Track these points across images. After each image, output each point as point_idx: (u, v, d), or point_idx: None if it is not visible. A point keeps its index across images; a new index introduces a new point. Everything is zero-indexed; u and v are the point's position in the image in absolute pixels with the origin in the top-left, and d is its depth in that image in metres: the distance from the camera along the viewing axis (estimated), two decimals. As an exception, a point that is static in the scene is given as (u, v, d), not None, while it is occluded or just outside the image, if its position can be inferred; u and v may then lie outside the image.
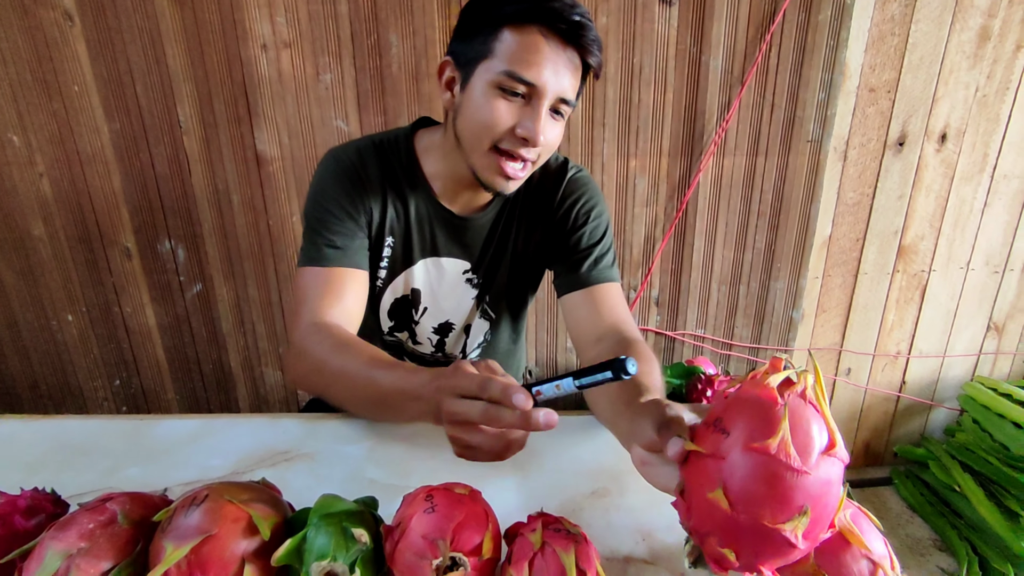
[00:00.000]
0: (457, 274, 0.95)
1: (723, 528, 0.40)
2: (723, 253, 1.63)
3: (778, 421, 0.39)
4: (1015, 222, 1.75)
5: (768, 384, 0.41)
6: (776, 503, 0.39)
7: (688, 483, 0.43)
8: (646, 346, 0.78)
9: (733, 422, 0.40)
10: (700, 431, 0.43)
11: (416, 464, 0.71)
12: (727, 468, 0.40)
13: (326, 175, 0.85)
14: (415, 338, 0.99)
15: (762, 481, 0.39)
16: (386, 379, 0.67)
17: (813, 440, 0.39)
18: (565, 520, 0.54)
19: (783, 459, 0.38)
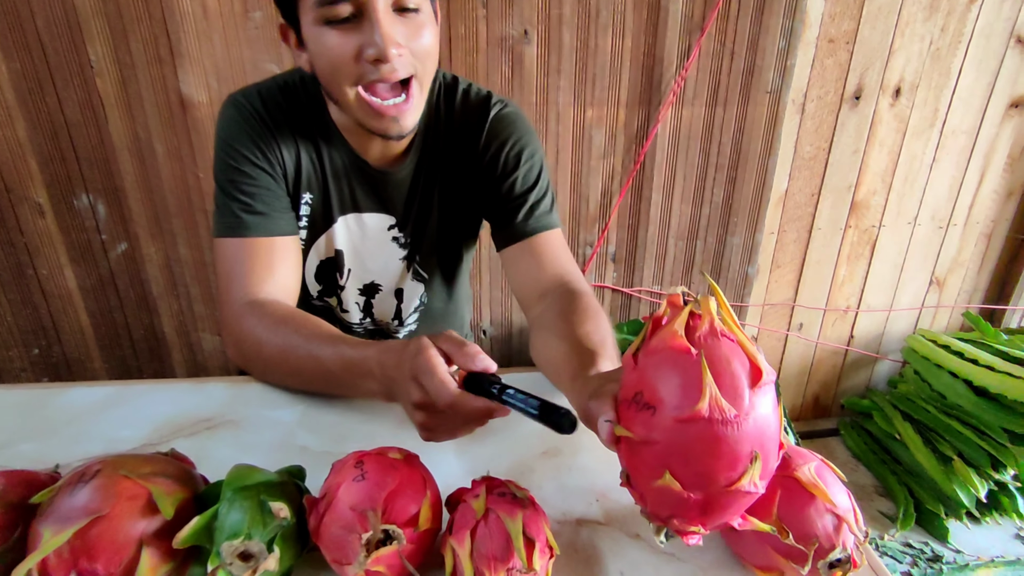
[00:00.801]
0: (381, 231, 0.87)
1: (682, 508, 0.37)
2: (680, 208, 1.60)
3: (699, 378, 0.34)
4: (960, 178, 1.78)
5: (676, 332, 0.36)
6: (726, 464, 0.35)
7: (632, 472, 0.39)
8: (593, 299, 0.73)
9: (653, 393, 0.36)
10: (623, 410, 0.39)
11: (353, 429, 0.66)
12: (666, 451, 0.36)
13: (229, 127, 0.76)
14: (342, 304, 0.92)
15: (706, 451, 0.35)
16: (329, 355, 0.63)
17: (740, 379, 0.35)
18: (512, 483, 0.49)
19: (718, 417, 0.34)
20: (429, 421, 0.53)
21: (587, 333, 0.64)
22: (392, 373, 0.56)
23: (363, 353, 0.60)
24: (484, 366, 0.52)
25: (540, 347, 0.70)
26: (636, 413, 0.37)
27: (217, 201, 0.77)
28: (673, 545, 0.51)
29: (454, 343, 0.53)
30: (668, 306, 0.40)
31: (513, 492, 0.47)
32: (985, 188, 1.81)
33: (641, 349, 0.39)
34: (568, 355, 0.61)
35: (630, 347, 0.40)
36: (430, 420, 0.53)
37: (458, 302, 1.03)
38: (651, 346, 0.37)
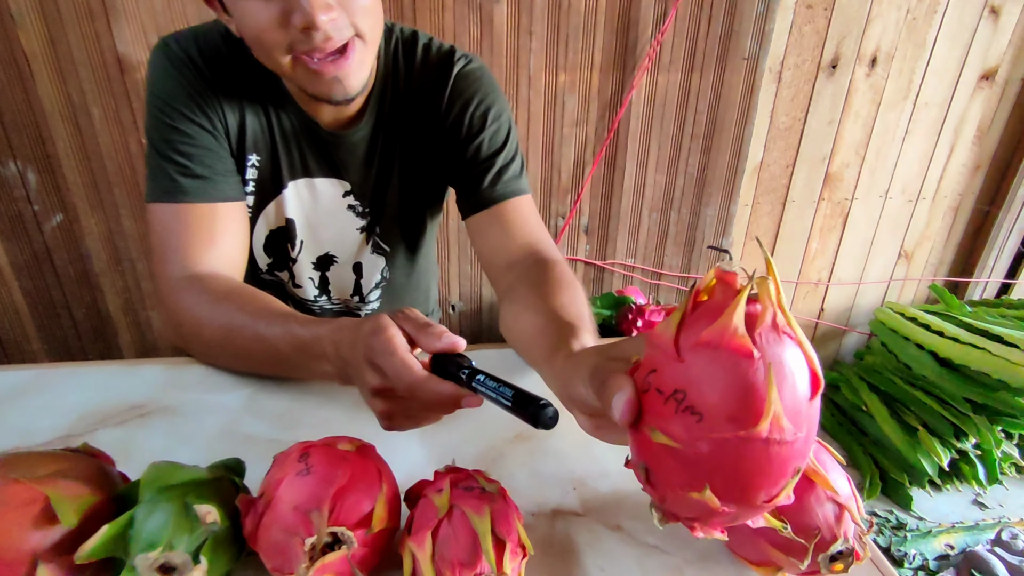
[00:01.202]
0: (335, 198, 0.80)
1: (711, 517, 0.32)
2: (655, 178, 1.56)
3: (761, 392, 0.29)
4: (930, 151, 1.78)
5: (736, 329, 0.30)
6: (770, 482, 0.30)
7: (657, 473, 0.33)
8: (567, 268, 0.68)
9: (702, 397, 0.30)
10: (653, 403, 0.32)
11: (305, 415, 0.59)
12: (709, 465, 0.30)
13: (161, 78, 0.67)
14: (295, 279, 0.85)
15: (754, 470, 0.30)
16: (278, 334, 0.56)
17: (799, 391, 0.30)
18: (480, 474, 0.44)
19: (776, 438, 0.29)
20: (389, 408, 0.47)
21: (563, 305, 0.59)
22: (347, 355, 0.49)
23: (315, 332, 0.54)
24: (450, 344, 0.46)
25: (511, 322, 0.65)
26: (676, 415, 0.31)
27: (149, 162, 0.68)
28: (657, 536, 0.46)
29: (416, 322, 0.47)
30: (718, 281, 0.33)
31: (481, 485, 0.41)
32: (954, 161, 1.81)
33: (684, 335, 0.32)
34: (543, 329, 0.56)
35: (662, 326, 0.34)
36: (390, 407, 0.47)
37: (423, 276, 0.97)
38: (703, 338, 0.30)
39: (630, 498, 0.50)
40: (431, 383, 0.44)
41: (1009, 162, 1.83)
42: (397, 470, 0.47)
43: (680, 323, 0.32)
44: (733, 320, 0.30)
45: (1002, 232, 1.88)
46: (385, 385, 0.45)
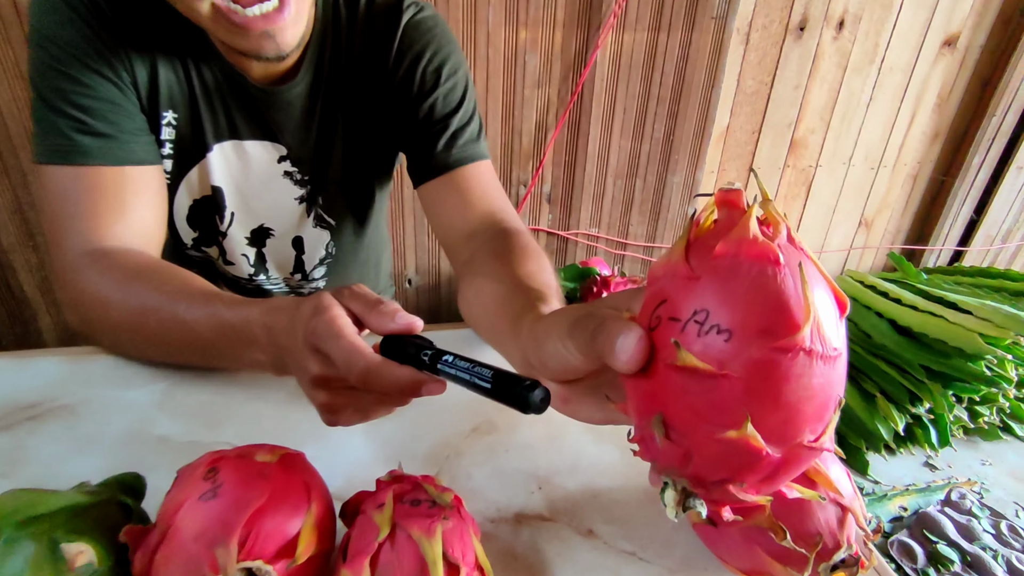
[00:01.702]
0: (268, 163, 0.71)
1: (751, 468, 0.26)
2: (620, 143, 1.49)
3: (795, 297, 0.24)
4: (893, 118, 1.77)
5: (757, 236, 0.25)
6: (815, 411, 0.25)
7: (679, 418, 0.27)
8: (532, 239, 0.62)
9: (728, 312, 0.25)
10: (667, 335, 0.27)
11: (232, 410, 0.52)
12: (747, 390, 0.25)
13: (48, 14, 0.56)
14: (226, 255, 0.76)
15: (800, 392, 0.25)
16: (200, 317, 0.48)
17: (828, 304, 0.26)
18: (430, 482, 0.38)
19: (818, 349, 0.24)
20: (334, 401, 0.39)
21: (529, 273, 0.52)
22: (283, 340, 0.42)
23: (244, 315, 0.46)
24: (406, 324, 0.39)
25: (471, 295, 0.58)
26: (700, 337, 0.25)
27: (37, 115, 0.57)
28: (634, 542, 0.41)
29: (365, 299, 0.40)
30: (720, 206, 0.28)
31: (432, 496, 0.35)
32: (915, 129, 1.81)
33: (694, 256, 0.27)
34: (507, 297, 0.49)
35: (664, 256, 0.29)
36: (335, 399, 0.39)
37: (373, 250, 0.88)
38: (720, 250, 0.26)
39: (603, 496, 0.45)
40: (386, 369, 0.36)
41: (966, 131, 1.84)
42: (336, 475, 0.40)
43: (686, 248, 0.28)
44: (750, 228, 0.26)
45: (957, 201, 1.90)
46: (329, 374, 0.38)
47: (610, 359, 0.28)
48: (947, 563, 1.38)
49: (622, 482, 0.46)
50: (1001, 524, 1.47)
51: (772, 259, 0.25)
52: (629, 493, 0.45)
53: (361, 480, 0.44)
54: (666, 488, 0.29)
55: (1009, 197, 1.92)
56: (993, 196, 1.89)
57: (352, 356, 0.36)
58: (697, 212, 0.29)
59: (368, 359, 0.36)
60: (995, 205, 1.92)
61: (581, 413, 0.35)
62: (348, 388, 0.39)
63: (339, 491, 0.44)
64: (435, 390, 0.37)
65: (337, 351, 0.37)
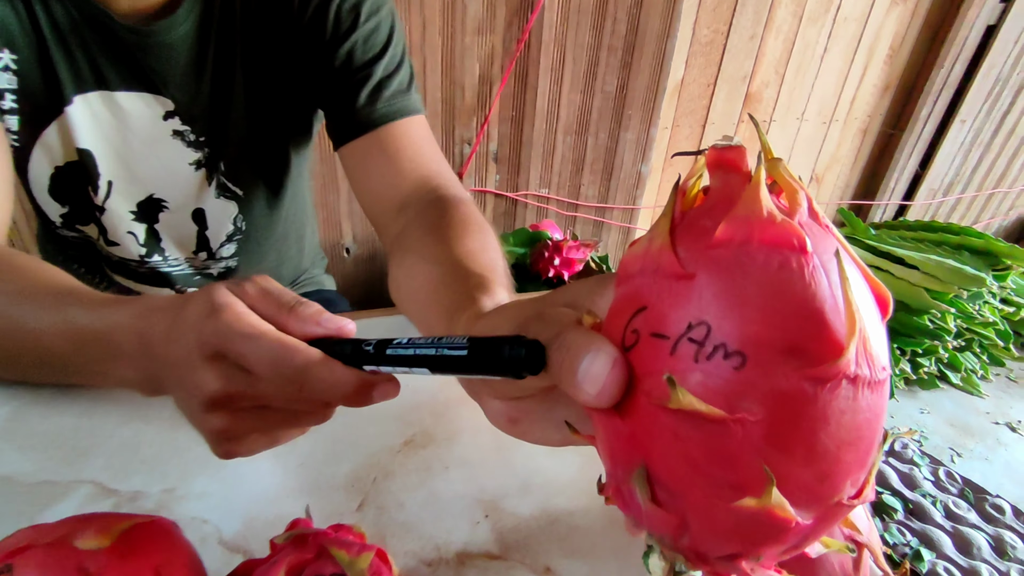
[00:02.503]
0: (152, 121, 0.58)
1: (771, 540, 0.19)
2: (570, 97, 1.39)
3: (835, 303, 0.17)
4: (846, 71, 1.73)
5: (773, 214, 0.18)
6: (860, 456, 0.18)
7: (673, 475, 0.19)
8: (475, 208, 0.53)
9: (739, 326, 0.17)
10: (652, 358, 0.19)
11: (99, 439, 0.41)
12: (768, 436, 0.17)
13: None
14: (107, 234, 0.63)
15: (841, 434, 0.17)
16: (48, 323, 0.37)
17: (871, 305, 0.19)
18: (347, 533, 0.29)
19: (865, 375, 0.17)
20: (234, 425, 0.29)
21: (470, 252, 0.44)
22: (161, 350, 0.31)
23: (108, 319, 0.35)
24: (336, 328, 0.29)
25: (401, 278, 0.49)
26: (699, 364, 0.18)
27: None
28: (600, 584, 0.34)
29: (276, 299, 0.30)
30: (713, 169, 0.20)
31: (343, 553, 0.27)
32: (867, 82, 1.78)
33: (683, 243, 0.19)
34: (443, 282, 0.40)
35: (640, 244, 0.21)
36: (236, 423, 0.29)
37: (294, 224, 0.77)
38: (722, 235, 0.18)
39: (561, 522, 0.38)
40: (329, 367, 0.27)
41: (915, 83, 1.83)
42: (232, 516, 0.32)
43: (671, 231, 0.19)
44: (763, 202, 0.18)
45: (904, 154, 1.90)
46: (234, 389, 0.28)
47: (571, 389, 0.20)
48: (891, 512, 1.42)
49: (584, 502, 0.39)
50: (939, 471, 1.52)
51: (798, 246, 0.17)
52: (592, 517, 0.38)
53: (264, 523, 0.36)
54: (651, 553, 0.21)
55: (952, 150, 1.94)
56: (937, 149, 1.90)
57: (282, 353, 0.27)
58: (682, 179, 0.21)
59: (306, 354, 0.27)
60: (939, 159, 1.93)
61: (534, 435, 0.28)
62: (256, 408, 0.30)
63: (234, 540, 0.35)
64: (390, 391, 0.28)
65: (258, 351, 0.27)
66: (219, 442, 0.30)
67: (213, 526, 0.35)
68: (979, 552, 1.30)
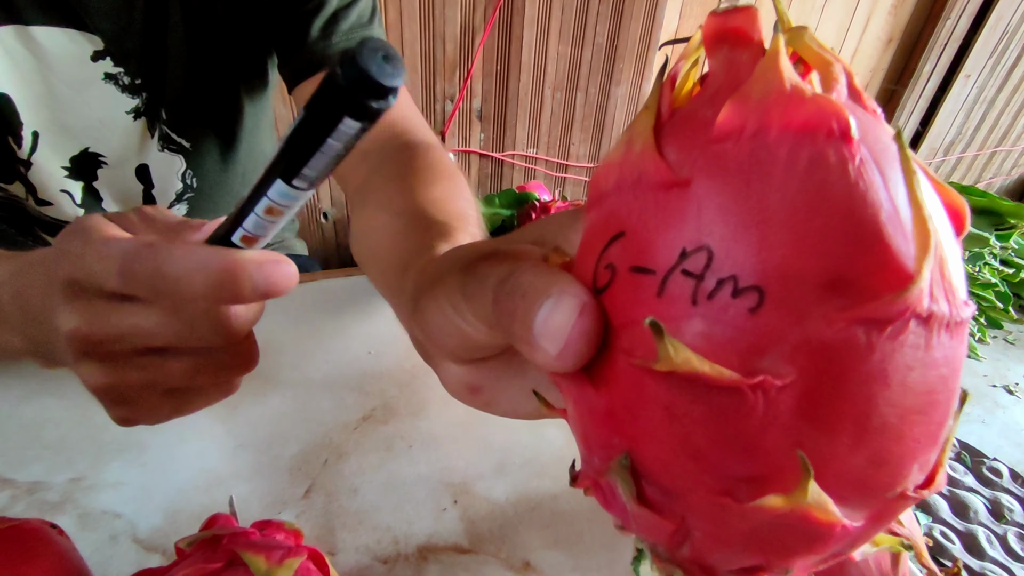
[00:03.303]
0: (79, 62, 0.51)
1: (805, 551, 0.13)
2: (558, 49, 1.31)
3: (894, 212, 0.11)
4: (847, 23, 1.65)
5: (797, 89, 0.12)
6: (932, 427, 0.12)
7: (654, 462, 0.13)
8: (445, 155, 0.47)
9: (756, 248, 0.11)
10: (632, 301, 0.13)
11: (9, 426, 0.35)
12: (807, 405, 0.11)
13: None
14: (37, 192, 0.56)
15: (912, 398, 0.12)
16: None
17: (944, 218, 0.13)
18: (275, 531, 0.24)
19: (942, 313, 0.11)
20: (117, 377, 0.24)
21: (435, 200, 0.38)
22: (37, 300, 0.26)
23: None
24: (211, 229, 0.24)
25: (360, 232, 0.43)
26: (697, 306, 0.12)
27: None
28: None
29: (158, 223, 0.26)
30: (712, 45, 0.14)
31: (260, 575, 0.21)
32: (869, 34, 1.70)
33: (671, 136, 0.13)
34: (402, 233, 0.35)
35: (616, 148, 0.15)
36: (119, 374, 0.24)
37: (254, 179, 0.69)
38: (727, 120, 0.12)
39: (543, 508, 0.33)
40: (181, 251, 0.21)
41: (919, 36, 1.75)
42: (153, 509, 0.27)
43: (655, 130, 0.14)
44: (784, 72, 0.12)
45: (905, 112, 1.84)
46: (94, 326, 0.22)
47: (526, 347, 0.14)
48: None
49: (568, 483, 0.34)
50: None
51: (838, 131, 0.12)
52: (579, 499, 0.33)
53: (189, 517, 0.30)
54: (641, 558, 0.16)
55: (954, 107, 1.87)
56: (940, 107, 1.84)
57: (126, 247, 0.21)
58: (671, 65, 0.15)
59: (149, 239, 0.22)
60: (940, 116, 1.86)
61: (500, 405, 0.22)
62: (139, 354, 0.24)
63: (151, 538, 0.29)
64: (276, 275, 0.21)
65: (103, 258, 0.21)
66: (111, 403, 0.24)
67: (127, 521, 0.30)
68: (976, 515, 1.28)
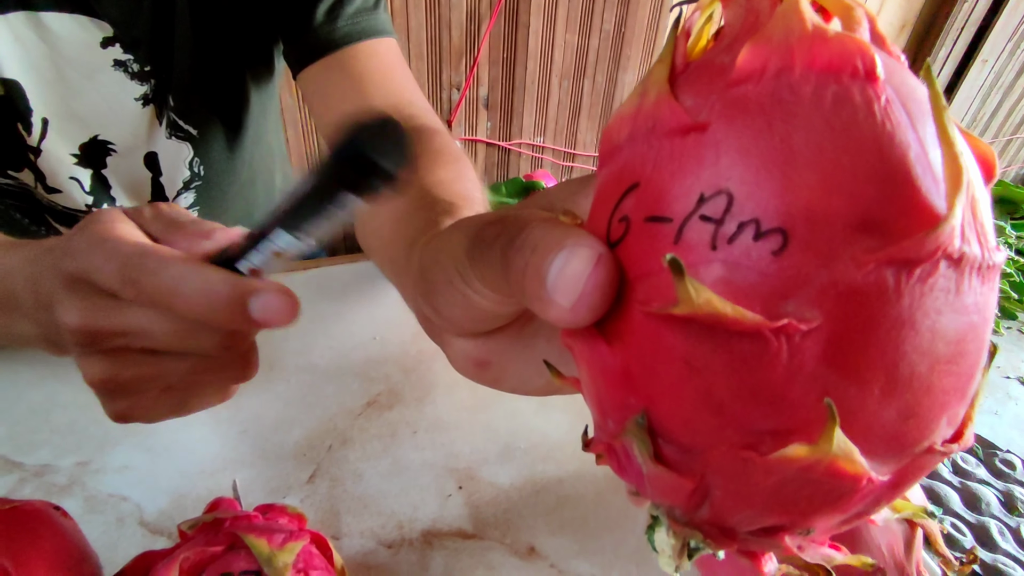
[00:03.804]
0: (89, 49, 0.51)
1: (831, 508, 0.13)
2: (566, 37, 1.30)
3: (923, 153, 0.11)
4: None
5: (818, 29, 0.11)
6: (963, 378, 0.12)
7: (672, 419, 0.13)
8: (450, 140, 0.47)
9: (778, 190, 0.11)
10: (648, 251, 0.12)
11: (5, 404, 0.35)
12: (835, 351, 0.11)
13: None
14: (46, 180, 0.57)
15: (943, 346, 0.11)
16: None
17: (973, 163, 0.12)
18: (278, 514, 0.24)
19: (976, 254, 0.11)
20: (117, 371, 0.24)
21: (440, 182, 0.38)
22: (45, 288, 0.26)
23: (9, 259, 0.29)
24: (229, 239, 0.25)
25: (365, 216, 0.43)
26: (717, 250, 0.12)
27: None
28: (594, 564, 0.29)
29: (167, 219, 0.25)
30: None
31: (262, 560, 0.21)
32: (882, 19, 1.66)
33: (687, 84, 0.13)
34: (407, 213, 0.35)
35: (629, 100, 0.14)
36: (119, 368, 0.24)
37: (261, 167, 0.70)
38: (746, 62, 0.12)
39: (548, 493, 0.32)
40: (191, 272, 0.21)
41: (933, 21, 1.71)
42: (158, 492, 0.27)
43: (671, 78, 0.13)
44: (805, 13, 0.12)
45: (919, 98, 1.81)
46: (97, 321, 0.23)
47: (538, 304, 0.14)
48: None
49: (575, 467, 0.34)
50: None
51: (864, 69, 0.11)
52: (584, 484, 0.33)
53: (195, 500, 0.30)
54: (657, 526, 0.16)
55: (971, 93, 1.84)
56: (955, 93, 1.80)
57: (136, 257, 0.21)
58: (684, 16, 0.15)
59: (160, 253, 0.22)
60: (955, 103, 1.83)
61: (509, 381, 0.22)
62: (142, 353, 0.24)
63: (158, 521, 0.29)
64: (274, 307, 0.22)
65: (109, 260, 0.22)
66: (108, 398, 0.24)
67: (133, 504, 0.30)
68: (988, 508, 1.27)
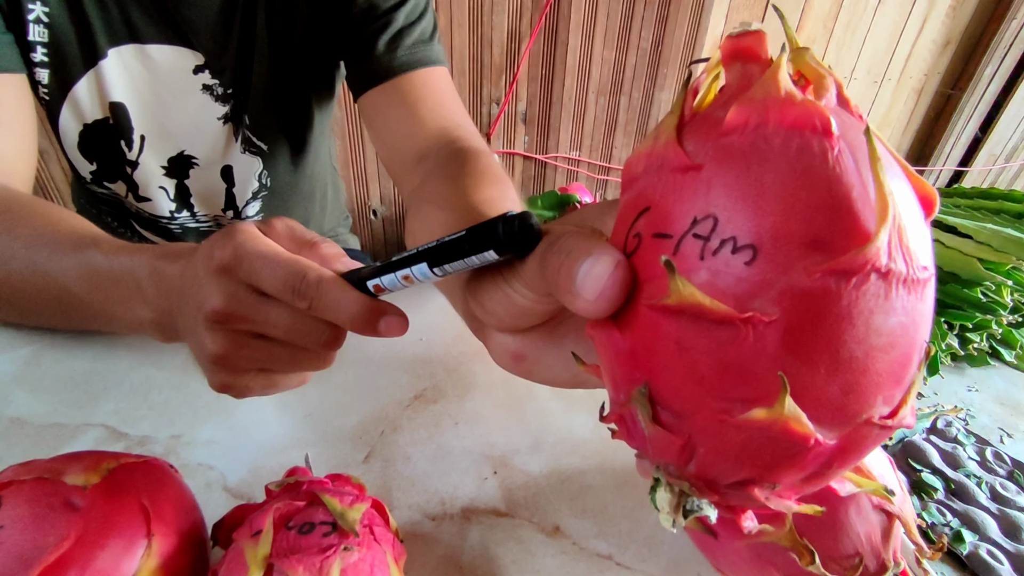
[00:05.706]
0: (182, 74, 0.58)
1: (789, 463, 0.17)
2: (603, 54, 1.34)
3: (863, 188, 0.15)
4: (902, 24, 1.61)
5: (793, 95, 0.15)
6: (894, 368, 0.16)
7: (675, 385, 0.17)
8: (494, 160, 0.51)
9: (751, 216, 0.15)
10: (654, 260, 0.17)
11: (111, 383, 0.41)
12: (783, 340, 0.15)
13: None
14: (138, 190, 0.64)
15: (870, 339, 0.15)
16: (68, 266, 0.38)
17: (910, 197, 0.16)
18: (344, 483, 0.28)
19: (900, 271, 0.15)
20: (233, 349, 0.28)
21: (487, 200, 0.42)
22: (176, 284, 0.31)
23: (128, 261, 0.35)
24: (347, 267, 0.29)
25: (417, 228, 0.47)
26: (705, 260, 0.16)
27: None
28: (612, 542, 0.33)
29: (299, 238, 0.29)
30: (729, 61, 0.18)
31: (336, 513, 0.25)
32: (924, 37, 1.65)
33: (691, 135, 0.17)
34: (456, 225, 0.39)
35: (645, 143, 0.18)
36: (235, 348, 0.28)
37: (318, 181, 0.76)
38: (733, 119, 0.16)
39: (573, 481, 0.36)
40: (340, 287, 0.26)
41: (980, 37, 1.69)
42: (238, 464, 0.32)
43: (679, 128, 0.18)
44: (781, 81, 0.16)
45: (963, 117, 1.78)
46: (234, 310, 0.27)
47: (568, 297, 0.19)
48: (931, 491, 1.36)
49: (596, 462, 0.38)
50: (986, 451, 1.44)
51: (821, 127, 0.15)
52: (605, 476, 0.37)
53: (269, 471, 0.35)
54: (657, 487, 0.19)
55: (1019, 112, 1.80)
56: (1002, 111, 1.77)
57: (297, 268, 0.26)
58: (695, 78, 0.19)
59: (319, 271, 0.27)
60: (1003, 121, 1.80)
61: (541, 373, 0.26)
62: (256, 336, 0.29)
63: (238, 487, 0.34)
64: (395, 325, 0.27)
65: (272, 266, 0.26)
66: (215, 369, 0.29)
67: (218, 472, 0.35)
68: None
